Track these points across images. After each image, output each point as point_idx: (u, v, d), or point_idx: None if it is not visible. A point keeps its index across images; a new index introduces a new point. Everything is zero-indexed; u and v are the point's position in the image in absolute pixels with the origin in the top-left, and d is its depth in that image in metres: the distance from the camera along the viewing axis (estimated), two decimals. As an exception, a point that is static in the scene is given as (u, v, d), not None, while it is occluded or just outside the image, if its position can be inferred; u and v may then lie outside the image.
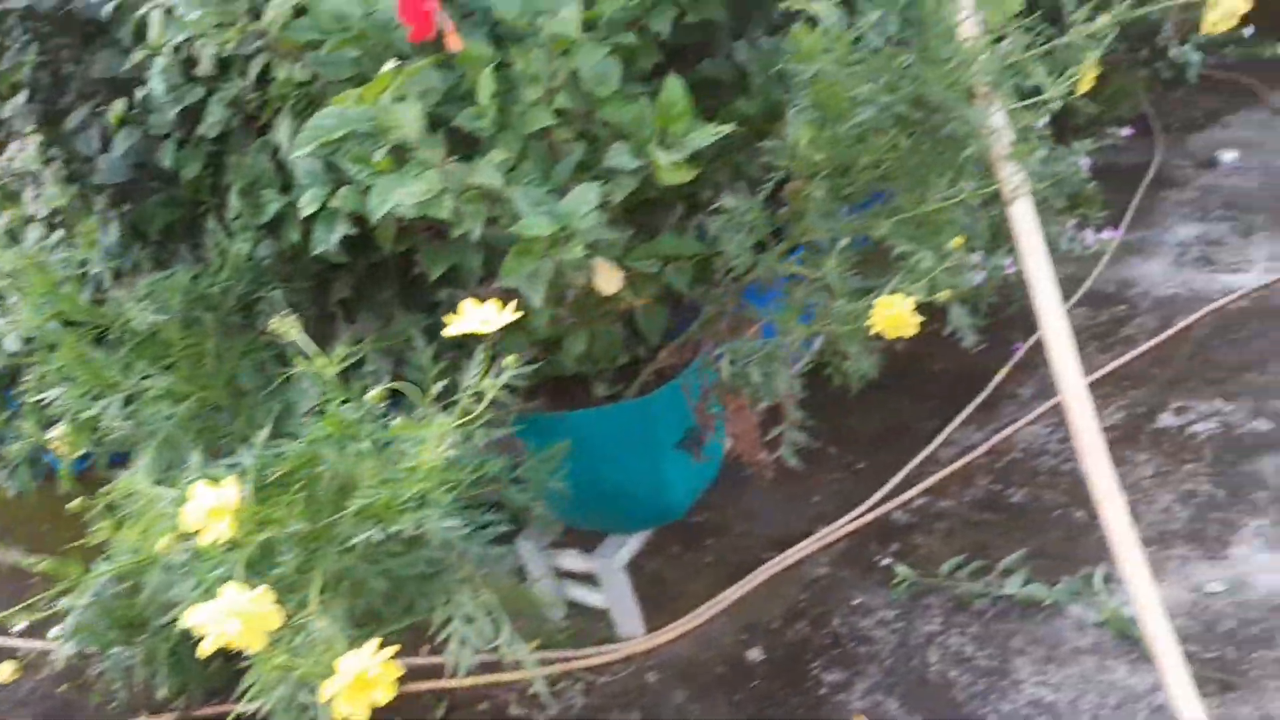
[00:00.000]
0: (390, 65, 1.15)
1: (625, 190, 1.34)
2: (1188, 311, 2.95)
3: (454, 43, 1.25)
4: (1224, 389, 2.59)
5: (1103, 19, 1.40)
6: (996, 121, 1.39)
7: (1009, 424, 2.65)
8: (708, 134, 1.30)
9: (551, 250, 1.22)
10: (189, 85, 1.60)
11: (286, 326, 1.16)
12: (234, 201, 1.66)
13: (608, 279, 1.53)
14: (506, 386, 1.17)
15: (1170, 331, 2.87)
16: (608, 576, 2.16)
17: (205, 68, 1.57)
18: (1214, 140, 4.14)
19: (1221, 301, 2.96)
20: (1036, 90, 1.57)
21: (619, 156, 1.31)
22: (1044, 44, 1.37)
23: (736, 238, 1.41)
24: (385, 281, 1.84)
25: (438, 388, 1.21)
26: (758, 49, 1.78)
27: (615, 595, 2.18)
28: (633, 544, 2.23)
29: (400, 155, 1.19)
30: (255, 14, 1.38)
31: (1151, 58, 3.51)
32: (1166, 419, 2.53)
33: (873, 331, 1.26)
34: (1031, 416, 2.65)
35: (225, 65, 1.59)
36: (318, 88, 1.44)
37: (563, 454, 1.64)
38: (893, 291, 1.30)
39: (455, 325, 1.04)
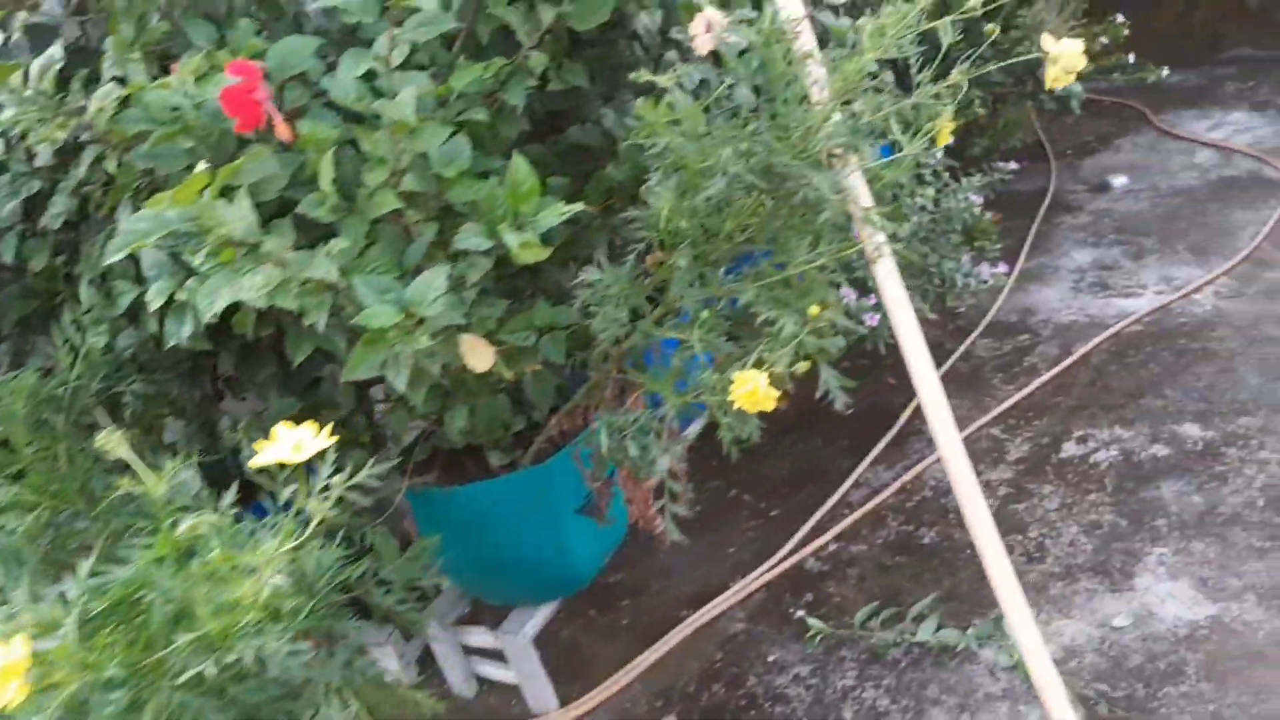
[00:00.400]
0: (202, 167, 1.08)
1: (480, 271, 1.29)
2: (1086, 338, 2.99)
3: (283, 132, 1.19)
4: (1122, 415, 2.61)
5: (952, 78, 1.39)
6: (852, 184, 1.37)
7: (917, 461, 2.64)
8: (556, 213, 1.25)
9: (402, 339, 1.16)
10: (28, 177, 1.52)
11: (113, 442, 1.08)
12: (84, 293, 1.58)
13: (478, 356, 1.47)
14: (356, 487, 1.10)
15: (1070, 360, 2.90)
16: (515, 652, 2.08)
17: (44, 159, 1.49)
18: (1105, 165, 4.24)
19: (1117, 327, 3.00)
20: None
21: (469, 238, 1.26)
22: (893, 105, 1.36)
23: (603, 310, 1.37)
24: (261, 362, 1.76)
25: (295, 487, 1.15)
26: (626, 114, 1.76)
27: (524, 670, 2.10)
28: (541, 614, 2.15)
29: (240, 247, 1.13)
30: (80, 108, 1.31)
31: (1036, 90, 3.58)
32: (1070, 449, 2.54)
33: (735, 406, 1.22)
34: (939, 454, 2.64)
35: (66, 154, 1.52)
36: (161, 176, 1.37)
37: (435, 549, 1.57)
38: (759, 360, 1.27)
39: (263, 454, 0.97)
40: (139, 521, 1.23)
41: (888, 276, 1.43)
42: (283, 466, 1.07)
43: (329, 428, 0.98)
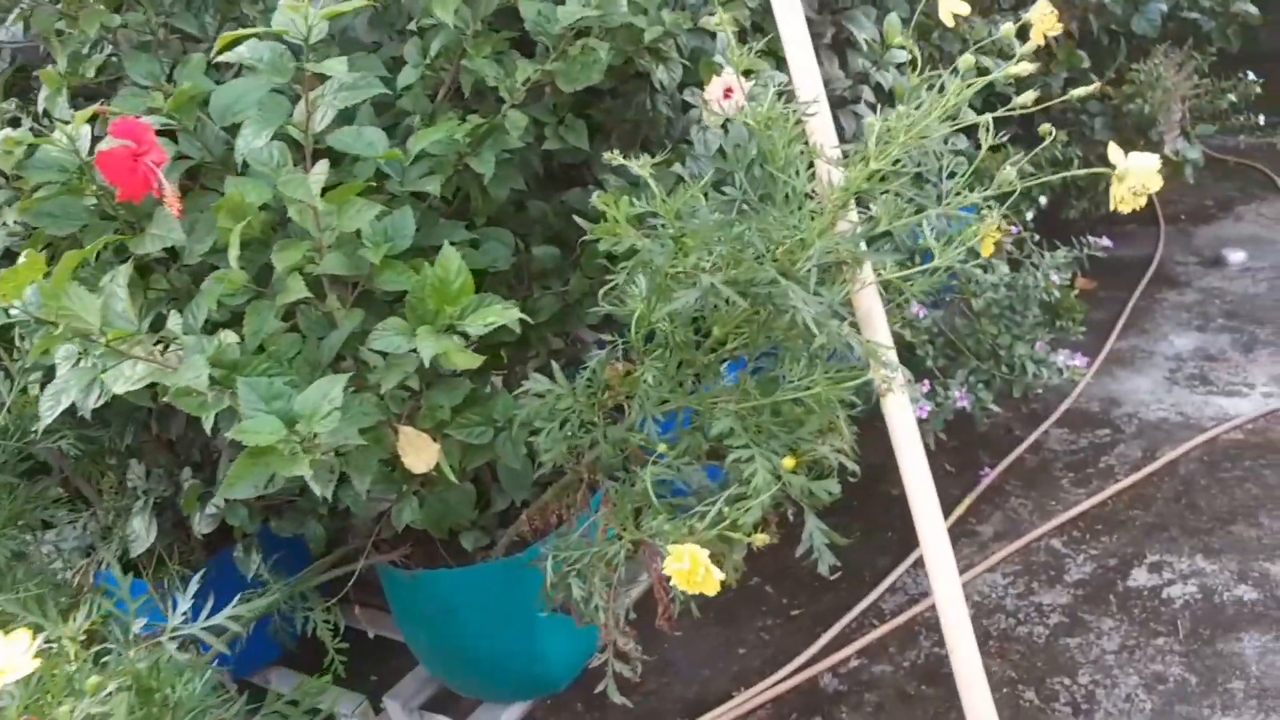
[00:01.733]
0: (24, 257, 0.91)
1: (399, 377, 1.10)
2: (1176, 441, 2.64)
3: (172, 204, 1.02)
4: (1208, 543, 2.27)
5: (975, 194, 1.13)
6: (863, 303, 1.13)
7: (965, 569, 2.34)
8: (492, 316, 1.05)
9: (284, 461, 0.98)
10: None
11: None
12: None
13: (418, 455, 1.28)
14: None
15: (1154, 466, 2.55)
16: (480, 751, 1.89)
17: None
18: (1222, 235, 3.83)
19: (1214, 431, 2.64)
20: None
21: (387, 338, 1.06)
22: (913, 214, 1.11)
23: (549, 427, 1.16)
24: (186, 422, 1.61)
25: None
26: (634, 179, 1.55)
27: (489, 773, 1.90)
28: (514, 711, 1.96)
29: (94, 342, 0.96)
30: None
31: (1147, 151, 3.22)
32: (1140, 577, 2.22)
33: (671, 581, 1.00)
34: (991, 562, 2.34)
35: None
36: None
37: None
38: (717, 516, 1.04)
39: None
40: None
41: (898, 413, 1.18)
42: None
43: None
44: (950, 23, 1.12)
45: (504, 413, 1.35)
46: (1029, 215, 3.18)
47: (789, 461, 1.07)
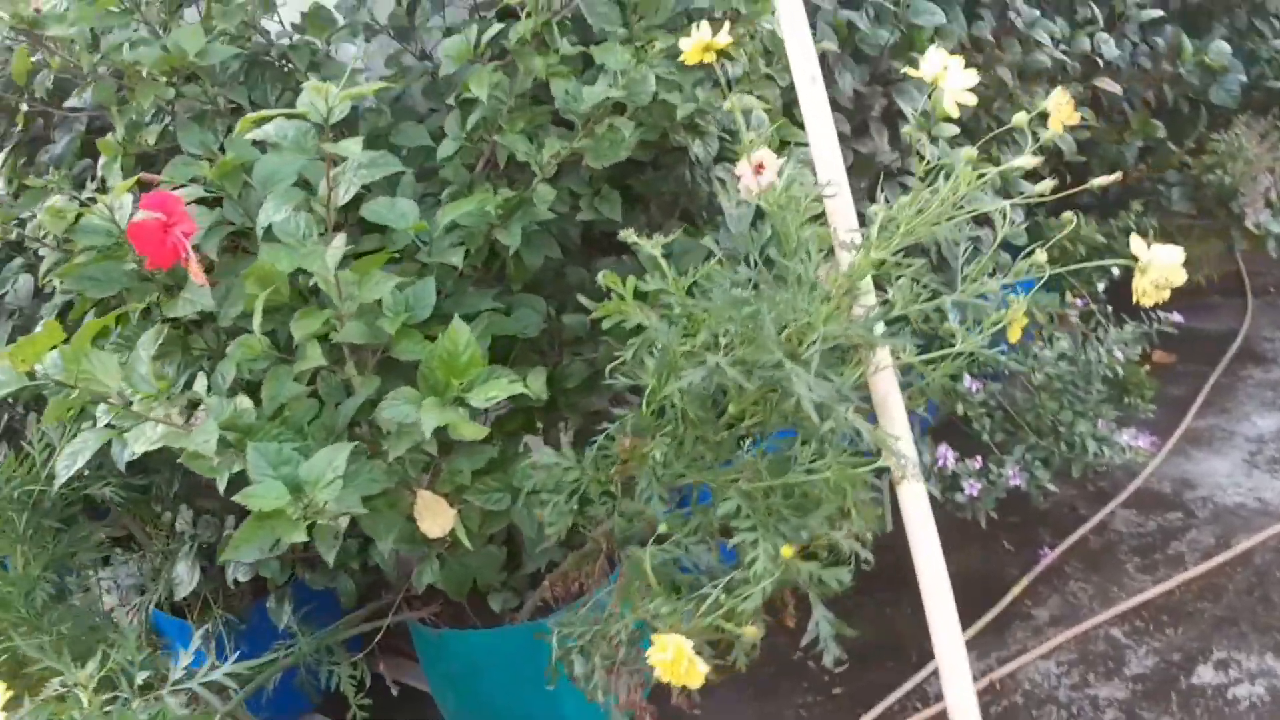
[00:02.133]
0: (41, 327, 0.96)
1: (407, 444, 1.11)
2: (1252, 529, 2.50)
3: (197, 275, 1.06)
4: (1280, 640, 2.14)
5: (992, 281, 1.10)
6: (879, 387, 1.10)
7: (1017, 654, 2.25)
8: (500, 389, 1.06)
9: (288, 526, 0.99)
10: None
11: None
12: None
13: (434, 519, 1.29)
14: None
15: (1227, 554, 2.42)
16: (502, 817, 1.87)
17: None
18: (1315, 311, 3.66)
19: (1294, 520, 2.50)
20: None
21: (396, 407, 1.08)
22: (929, 297, 1.08)
23: (554, 500, 1.15)
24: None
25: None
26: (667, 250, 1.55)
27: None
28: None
29: (117, 403, 1.00)
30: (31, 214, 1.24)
31: (1228, 223, 3.11)
32: (1205, 674, 2.09)
33: (658, 672, 0.97)
34: (1044, 649, 2.24)
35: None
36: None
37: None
38: (714, 602, 1.02)
39: None
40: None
41: (912, 504, 1.15)
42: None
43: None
44: (955, 114, 1.10)
45: (522, 479, 1.36)
46: (1100, 286, 3.09)
47: (787, 550, 1.04)
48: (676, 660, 0.94)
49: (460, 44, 1.37)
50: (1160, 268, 1.03)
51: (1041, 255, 1.20)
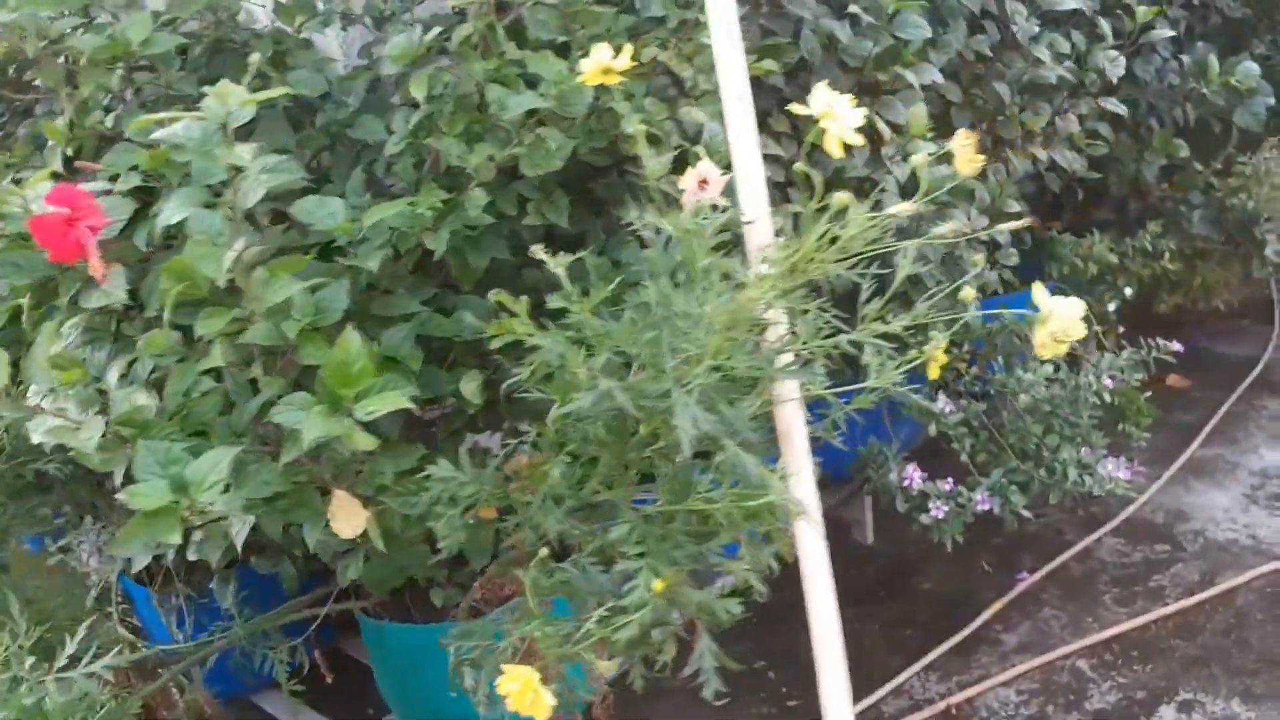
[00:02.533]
0: None
1: (297, 450, 1.11)
2: (1240, 568, 2.42)
3: (96, 272, 1.07)
4: (1249, 687, 2.06)
5: (899, 320, 1.06)
6: (786, 420, 1.07)
7: (979, 680, 2.20)
8: (387, 402, 1.05)
9: (167, 526, 1.00)
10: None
11: None
12: None
13: (347, 520, 1.29)
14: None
15: (1209, 592, 2.35)
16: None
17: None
18: (1344, 342, 3.52)
19: (1286, 561, 2.42)
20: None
21: (288, 412, 1.08)
22: (830, 334, 1.05)
23: (448, 514, 1.15)
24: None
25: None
26: (615, 253, 1.53)
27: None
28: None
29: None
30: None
31: (1249, 250, 2.99)
32: (1167, 715, 2.03)
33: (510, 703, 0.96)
34: (1006, 676, 2.19)
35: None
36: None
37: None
38: (585, 633, 1.00)
39: None
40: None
41: (806, 544, 1.12)
42: None
43: None
44: (839, 154, 1.06)
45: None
46: (1111, 307, 3.00)
47: (659, 584, 1.02)
48: (523, 691, 0.93)
49: (405, 44, 1.36)
50: (1061, 320, 0.98)
51: (969, 291, 1.15)
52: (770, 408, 1.13)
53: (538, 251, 1.11)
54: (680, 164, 1.42)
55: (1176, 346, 2.48)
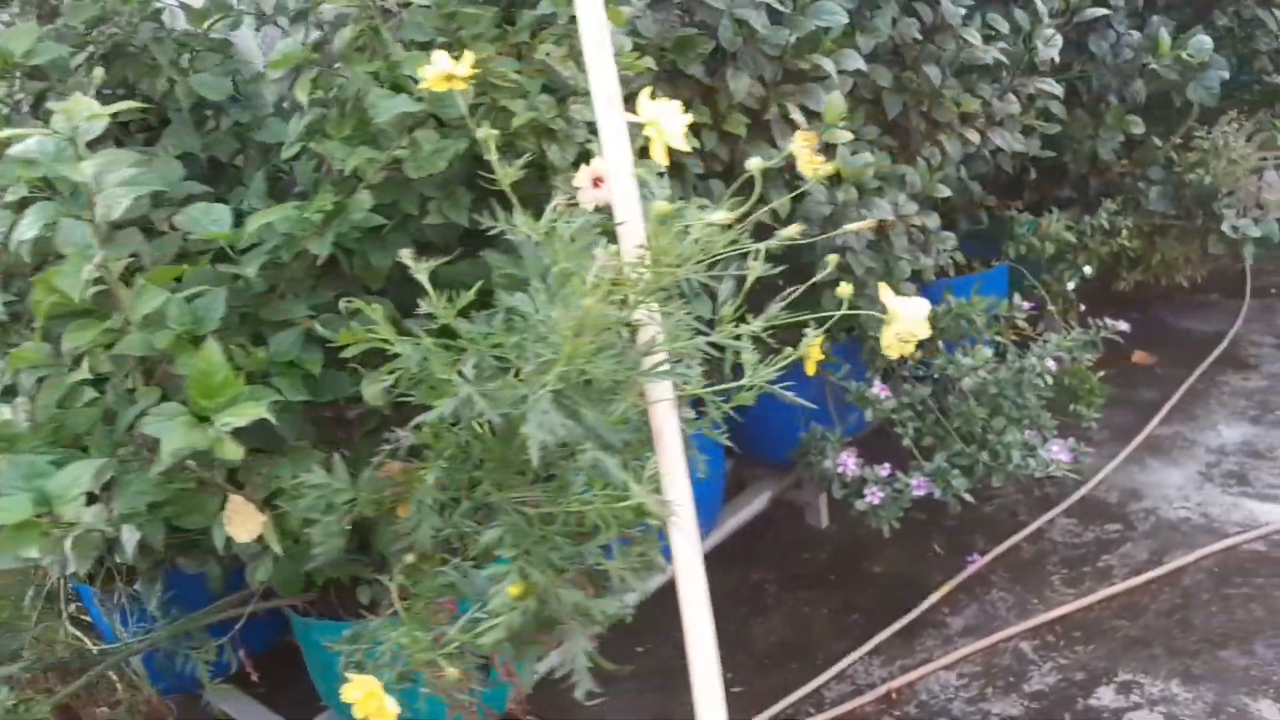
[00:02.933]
0: None
1: (170, 461, 1.11)
2: (1189, 546, 2.41)
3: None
4: (1189, 667, 2.05)
5: (754, 323, 1.04)
6: (661, 426, 1.07)
7: (921, 663, 2.20)
8: (247, 412, 1.05)
9: (30, 540, 1.00)
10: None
11: None
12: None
13: (243, 525, 1.30)
14: None
15: (1156, 571, 2.34)
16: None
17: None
18: (1312, 315, 3.49)
19: (1235, 539, 2.40)
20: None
21: (157, 422, 1.08)
22: (689, 340, 1.04)
23: (323, 520, 1.15)
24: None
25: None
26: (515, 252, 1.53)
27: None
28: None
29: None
30: None
31: (1208, 225, 2.95)
32: (1104, 696, 2.03)
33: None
34: (948, 660, 2.19)
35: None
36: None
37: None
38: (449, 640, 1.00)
39: None
40: None
41: (679, 549, 1.11)
42: None
43: None
44: (665, 162, 1.04)
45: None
46: (1070, 286, 2.98)
47: (514, 589, 1.02)
48: (367, 699, 0.94)
49: (286, 48, 1.35)
50: (906, 321, 0.97)
51: (845, 288, 1.13)
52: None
53: (405, 257, 1.10)
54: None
55: (1124, 326, 2.46)
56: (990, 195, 2.88)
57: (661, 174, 1.54)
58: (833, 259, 1.16)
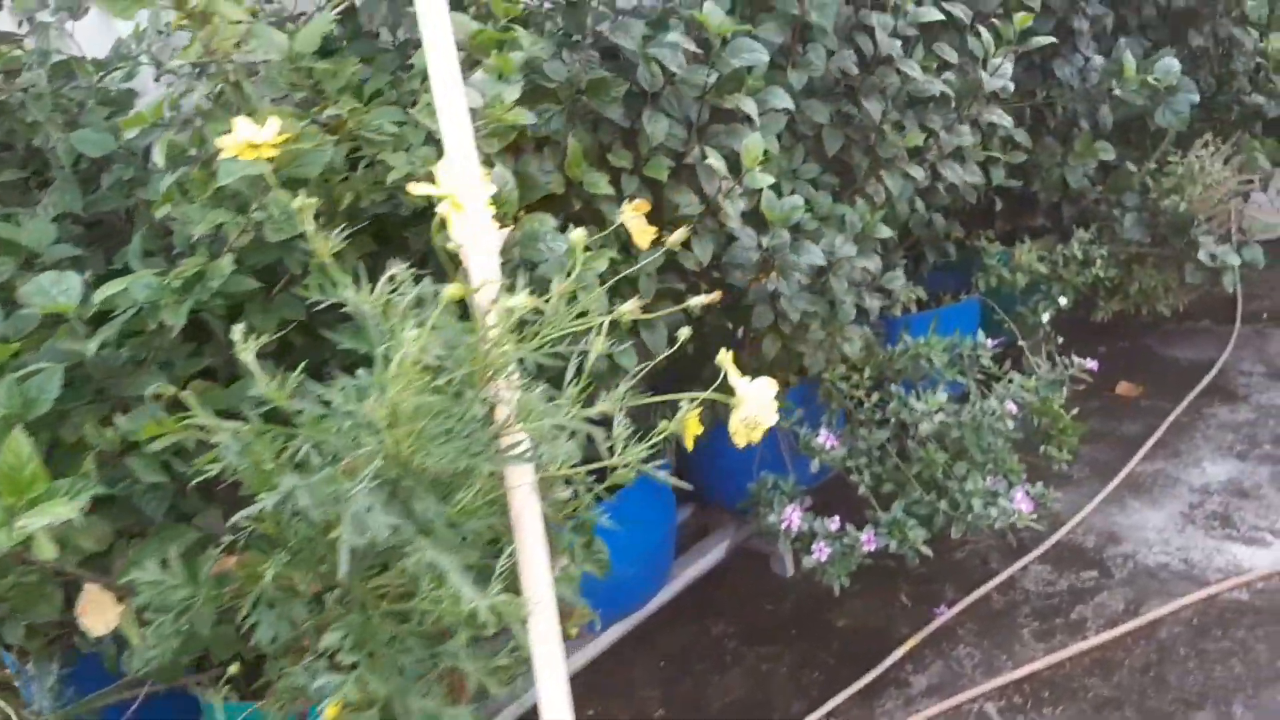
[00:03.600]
0: None
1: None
2: (1167, 596, 2.27)
3: None
4: (1160, 731, 1.92)
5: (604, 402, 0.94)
6: (516, 505, 0.96)
7: (880, 727, 2.08)
8: (54, 512, 0.96)
9: None
10: None
11: None
12: None
13: (99, 616, 1.20)
14: None
15: (1131, 624, 2.19)
16: None
17: None
18: (1304, 342, 3.35)
19: (1216, 587, 2.26)
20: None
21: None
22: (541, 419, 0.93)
23: (159, 620, 1.05)
24: None
25: None
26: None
27: None
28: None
29: None
30: None
31: (1183, 253, 2.83)
32: (1070, 763, 1.90)
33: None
34: (909, 723, 2.07)
35: None
36: None
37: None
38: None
39: None
40: None
41: (539, 645, 1.00)
42: None
43: None
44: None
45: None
46: (1045, 318, 2.86)
47: (332, 710, 0.92)
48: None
49: (145, 109, 1.27)
50: (756, 403, 0.86)
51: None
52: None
53: (235, 333, 1.01)
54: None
55: (1091, 365, 2.34)
56: (957, 226, 2.77)
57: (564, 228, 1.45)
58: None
